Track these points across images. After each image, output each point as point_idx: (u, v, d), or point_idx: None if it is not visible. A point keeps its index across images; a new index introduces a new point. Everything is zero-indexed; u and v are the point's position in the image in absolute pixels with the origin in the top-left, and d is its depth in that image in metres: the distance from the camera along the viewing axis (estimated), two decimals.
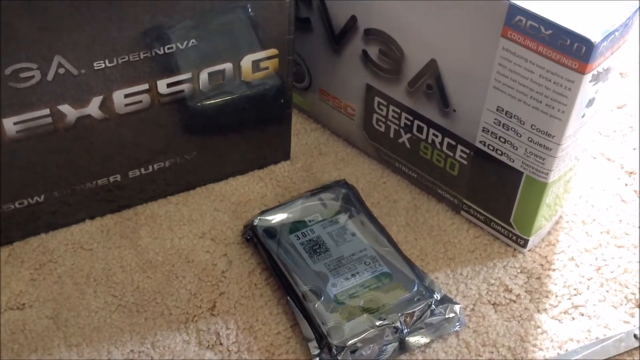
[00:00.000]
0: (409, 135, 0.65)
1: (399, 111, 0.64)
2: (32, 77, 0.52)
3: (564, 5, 0.51)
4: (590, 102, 0.54)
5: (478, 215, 0.64)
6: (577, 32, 0.49)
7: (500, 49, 0.53)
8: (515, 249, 0.63)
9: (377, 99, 0.65)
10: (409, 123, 0.64)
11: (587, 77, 0.50)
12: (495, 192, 0.61)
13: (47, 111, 0.55)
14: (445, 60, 0.58)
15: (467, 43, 0.55)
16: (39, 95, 0.53)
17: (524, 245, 0.62)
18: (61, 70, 0.53)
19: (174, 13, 0.54)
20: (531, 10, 0.50)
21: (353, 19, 0.62)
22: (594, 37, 0.49)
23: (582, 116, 0.54)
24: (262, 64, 0.61)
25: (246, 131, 0.66)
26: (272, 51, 0.61)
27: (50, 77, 0.53)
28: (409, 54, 0.60)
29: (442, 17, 0.56)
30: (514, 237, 0.62)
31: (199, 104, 0.61)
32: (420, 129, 0.63)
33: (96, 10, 0.51)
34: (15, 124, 0.54)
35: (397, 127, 0.65)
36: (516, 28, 0.51)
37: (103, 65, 0.54)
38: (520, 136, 0.56)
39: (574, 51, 0.49)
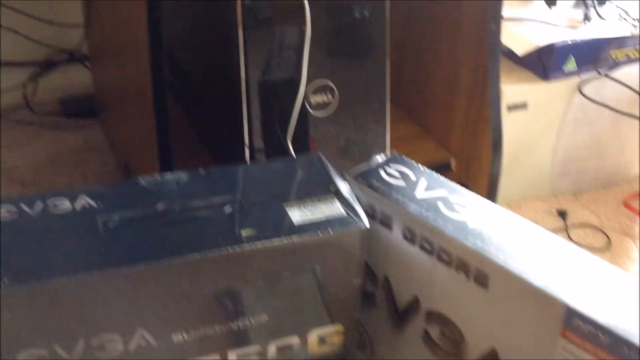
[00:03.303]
0: None
1: None
2: (116, 347, 0.56)
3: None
4: None
5: None
6: (637, 345, 0.50)
7: (559, 349, 0.54)
8: None
9: None
10: None
11: None
12: None
13: None
14: (505, 350, 0.59)
15: (527, 337, 0.56)
16: None
17: None
18: (142, 342, 0.56)
19: (245, 276, 0.57)
20: (588, 315, 0.52)
21: (416, 299, 0.65)
22: None
23: None
24: (328, 340, 0.64)
25: None
26: (339, 327, 0.64)
27: (132, 348, 0.56)
28: (469, 339, 0.61)
29: (502, 308, 0.58)
30: None
31: None
32: None
33: (176, 277, 0.55)
34: None
35: None
36: (575, 330, 0.53)
37: (181, 339, 0.57)
38: None
39: None
